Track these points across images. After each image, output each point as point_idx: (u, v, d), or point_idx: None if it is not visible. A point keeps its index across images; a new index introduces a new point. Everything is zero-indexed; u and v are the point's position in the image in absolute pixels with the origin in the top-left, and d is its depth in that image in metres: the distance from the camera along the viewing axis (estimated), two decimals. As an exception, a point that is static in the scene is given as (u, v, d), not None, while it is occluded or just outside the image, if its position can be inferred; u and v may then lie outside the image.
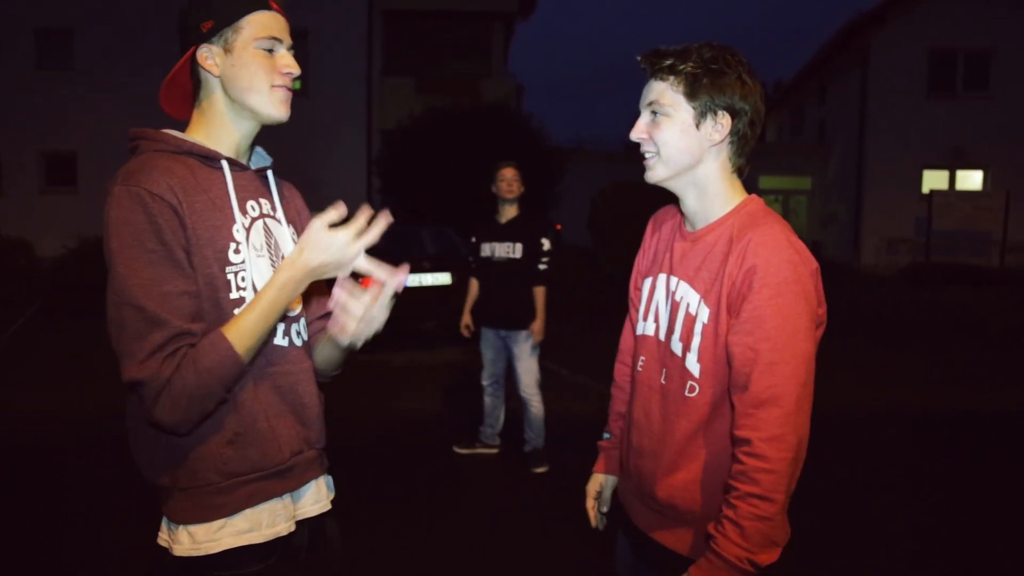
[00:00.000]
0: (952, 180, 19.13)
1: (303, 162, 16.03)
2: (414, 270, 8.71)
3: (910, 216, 18.31)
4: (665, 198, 1.75)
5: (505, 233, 5.04)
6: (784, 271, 1.47)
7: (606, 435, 2.03)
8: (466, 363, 8.47)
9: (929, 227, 16.51)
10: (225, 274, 1.51)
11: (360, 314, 1.54)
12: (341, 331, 1.57)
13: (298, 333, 1.66)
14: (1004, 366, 8.24)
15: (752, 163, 1.68)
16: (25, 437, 5.73)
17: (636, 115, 1.67)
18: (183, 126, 1.63)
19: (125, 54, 17.09)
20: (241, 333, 1.42)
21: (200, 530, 1.51)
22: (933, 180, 18.81)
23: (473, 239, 5.22)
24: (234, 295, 1.52)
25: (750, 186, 1.66)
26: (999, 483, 4.82)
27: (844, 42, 19.61)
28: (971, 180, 19.26)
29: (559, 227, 16.72)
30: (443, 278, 9.00)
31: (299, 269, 1.45)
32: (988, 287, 14.89)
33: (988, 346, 9.35)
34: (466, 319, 5.29)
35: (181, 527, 1.52)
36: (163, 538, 1.58)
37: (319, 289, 1.75)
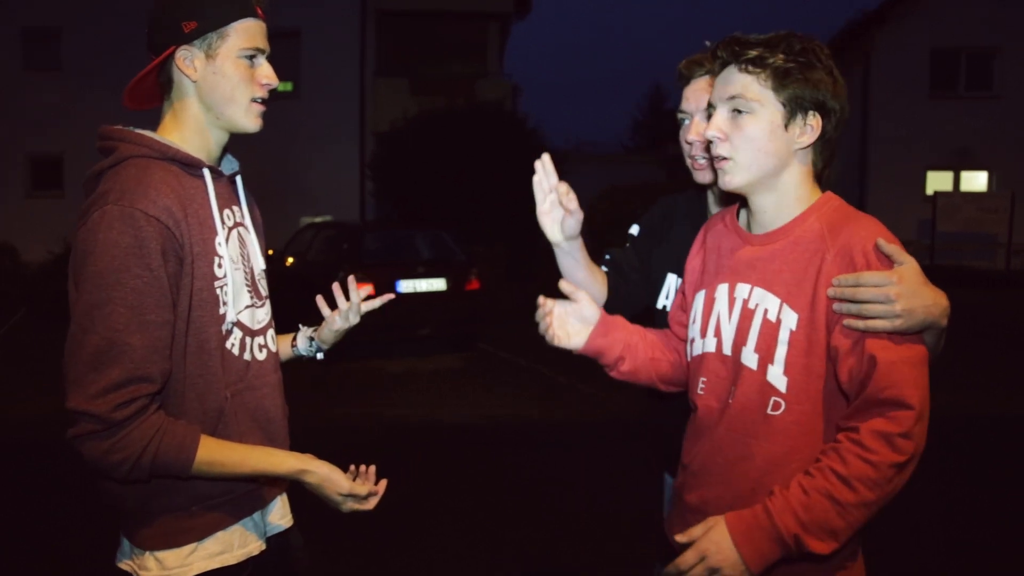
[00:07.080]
0: (957, 181, 18.92)
1: (294, 165, 15.79)
2: (409, 275, 8.60)
3: (914, 218, 18.06)
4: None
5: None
6: None
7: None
8: (462, 370, 8.34)
9: (933, 229, 16.34)
10: (213, 289, 1.47)
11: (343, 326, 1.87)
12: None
13: (261, 346, 1.61)
14: (1012, 370, 8.03)
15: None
16: (11, 442, 5.73)
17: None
18: (144, 119, 1.54)
19: (114, 56, 16.74)
20: (213, 460, 1.40)
21: (170, 556, 1.45)
22: (937, 181, 18.59)
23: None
24: (220, 310, 1.49)
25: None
26: (1002, 488, 4.76)
27: (845, 42, 19.42)
28: (976, 181, 19.07)
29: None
30: (438, 284, 8.81)
31: (313, 473, 1.49)
32: (994, 290, 14.66)
33: (995, 349, 9.12)
34: None
35: (148, 553, 1.46)
36: (126, 564, 1.52)
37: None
